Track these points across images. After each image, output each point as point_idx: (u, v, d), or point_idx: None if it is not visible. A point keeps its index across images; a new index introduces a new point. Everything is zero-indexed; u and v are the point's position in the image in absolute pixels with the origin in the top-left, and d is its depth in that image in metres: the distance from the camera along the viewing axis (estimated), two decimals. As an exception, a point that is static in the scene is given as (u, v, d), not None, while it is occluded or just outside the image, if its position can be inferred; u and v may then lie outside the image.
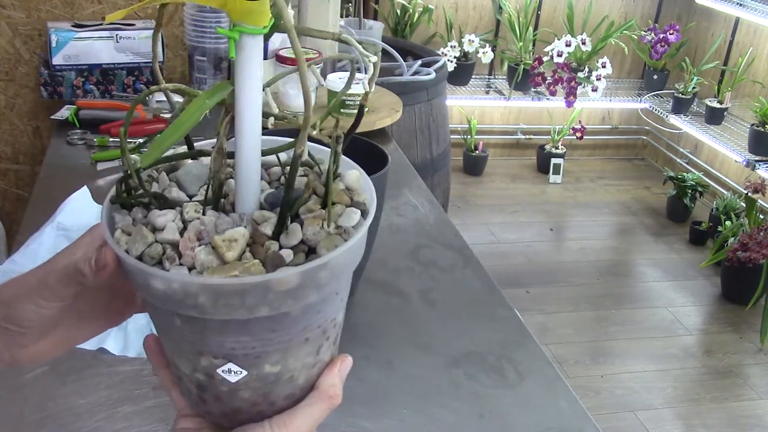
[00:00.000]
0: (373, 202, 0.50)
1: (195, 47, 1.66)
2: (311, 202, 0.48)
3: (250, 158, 0.47)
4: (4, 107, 1.77)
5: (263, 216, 0.47)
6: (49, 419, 0.79)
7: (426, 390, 0.89)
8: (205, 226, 0.45)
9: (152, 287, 0.44)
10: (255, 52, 0.45)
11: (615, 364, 2.43)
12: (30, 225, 1.14)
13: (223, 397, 0.49)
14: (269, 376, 0.48)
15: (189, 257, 0.44)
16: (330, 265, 0.45)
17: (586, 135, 3.72)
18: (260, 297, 0.43)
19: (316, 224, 0.46)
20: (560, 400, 0.90)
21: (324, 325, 0.50)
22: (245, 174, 0.47)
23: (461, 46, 3.43)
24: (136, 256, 0.45)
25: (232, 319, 0.44)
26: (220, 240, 0.44)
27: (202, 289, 0.43)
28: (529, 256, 3.05)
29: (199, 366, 0.48)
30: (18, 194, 1.87)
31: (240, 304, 0.43)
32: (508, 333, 1.02)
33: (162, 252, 0.45)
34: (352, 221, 0.47)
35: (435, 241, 1.24)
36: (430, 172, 2.23)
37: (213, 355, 0.46)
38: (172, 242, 0.45)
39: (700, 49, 3.71)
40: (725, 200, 3.20)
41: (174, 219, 0.47)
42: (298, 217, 0.48)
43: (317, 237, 0.46)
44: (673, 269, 3.05)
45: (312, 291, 0.45)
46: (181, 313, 0.44)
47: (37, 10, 1.69)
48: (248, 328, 0.45)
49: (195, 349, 0.47)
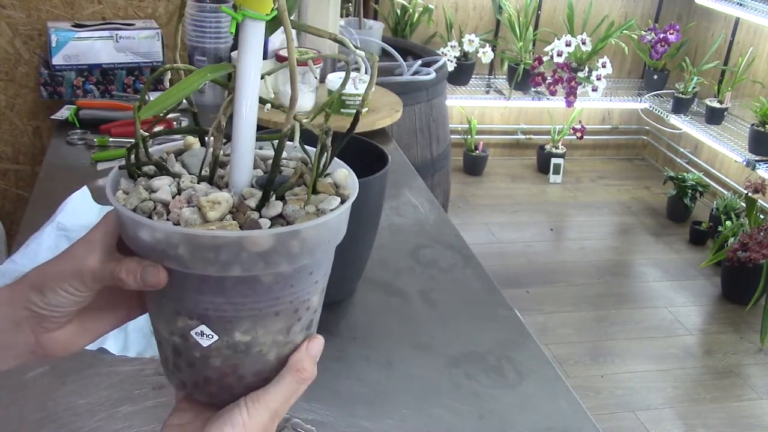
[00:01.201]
0: (355, 193, 0.54)
1: (195, 47, 1.66)
2: (298, 189, 0.53)
3: (245, 138, 0.51)
4: (4, 107, 1.77)
5: (251, 192, 0.51)
6: (49, 419, 0.79)
7: (426, 390, 0.89)
8: (196, 193, 0.50)
9: (140, 238, 0.49)
10: (256, 37, 0.49)
11: (615, 364, 2.44)
12: (30, 225, 1.14)
13: (196, 363, 0.52)
14: (239, 344, 0.51)
15: (176, 215, 0.49)
16: (302, 235, 0.49)
17: (586, 135, 3.72)
18: (233, 254, 0.47)
19: (297, 204, 0.51)
20: (560, 400, 0.90)
21: (296, 302, 0.52)
22: (240, 153, 0.51)
23: (461, 46, 3.43)
24: (131, 209, 0.49)
25: (208, 275, 0.48)
26: (204, 201, 0.49)
27: (182, 240, 0.47)
28: (529, 256, 3.05)
29: (175, 328, 0.51)
30: (18, 194, 1.87)
31: (214, 259, 0.47)
32: (508, 333, 1.02)
33: (153, 208, 0.50)
34: (330, 205, 0.51)
35: (435, 241, 1.24)
36: (430, 172, 2.23)
37: (188, 316, 0.50)
38: (163, 201, 0.50)
39: (700, 49, 3.71)
40: (725, 200, 3.20)
41: (170, 184, 0.51)
42: (283, 198, 0.52)
43: (296, 214, 0.50)
44: (673, 269, 3.05)
45: (283, 259, 0.49)
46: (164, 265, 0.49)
47: (37, 10, 1.69)
48: (222, 289, 0.49)
49: (173, 308, 0.51)
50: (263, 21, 0.49)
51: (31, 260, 1.05)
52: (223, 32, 1.66)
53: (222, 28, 1.65)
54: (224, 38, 1.67)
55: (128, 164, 0.53)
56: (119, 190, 0.52)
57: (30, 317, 0.51)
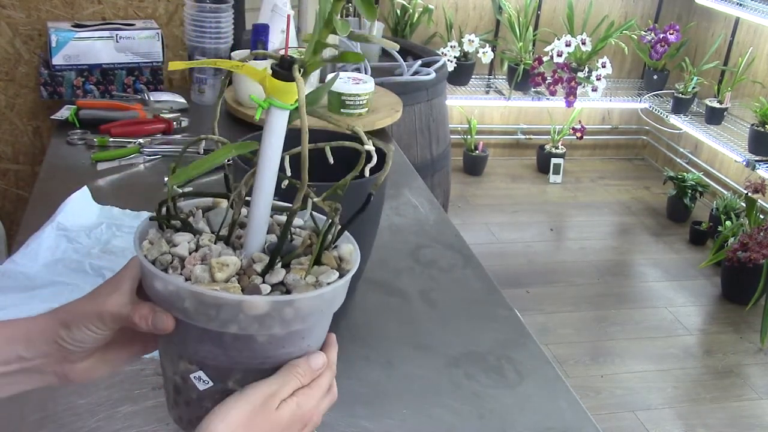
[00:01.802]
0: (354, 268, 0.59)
1: (195, 47, 1.66)
2: (304, 258, 0.58)
3: (262, 208, 0.57)
4: (4, 107, 1.77)
5: (260, 257, 0.57)
6: (49, 419, 0.79)
7: (426, 390, 0.89)
8: (211, 252, 0.56)
9: (155, 287, 0.55)
10: (280, 122, 0.55)
11: (615, 364, 2.43)
12: (30, 225, 1.14)
13: (192, 403, 0.58)
14: (232, 392, 0.56)
15: (189, 270, 0.55)
16: (296, 304, 0.54)
17: (586, 135, 3.72)
18: (232, 314, 0.52)
19: (298, 273, 0.56)
20: (560, 400, 0.90)
21: (287, 361, 0.57)
22: (256, 220, 0.57)
23: (461, 46, 3.43)
24: (151, 260, 0.55)
25: (209, 329, 0.53)
26: (215, 262, 0.54)
27: (189, 295, 0.53)
28: (529, 256, 3.05)
29: (178, 369, 0.57)
30: (18, 194, 1.87)
31: (215, 316, 0.52)
32: (508, 333, 1.02)
33: (170, 261, 0.56)
34: (329, 278, 0.56)
35: (435, 241, 1.24)
36: (430, 172, 2.23)
37: (189, 361, 0.56)
38: (180, 256, 0.56)
39: (700, 49, 3.71)
40: (725, 200, 3.20)
41: (189, 241, 0.58)
42: (289, 265, 0.57)
43: (296, 283, 0.55)
44: (673, 269, 3.05)
45: (277, 323, 0.54)
46: (172, 314, 0.54)
47: (37, 10, 1.69)
48: (220, 342, 0.54)
49: (177, 352, 0.57)
50: (288, 110, 0.55)
51: (31, 260, 1.05)
52: (223, 32, 1.66)
53: (222, 28, 1.65)
54: (224, 38, 1.67)
55: (158, 217, 0.59)
56: (146, 239, 0.58)
57: (58, 349, 0.57)
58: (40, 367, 0.58)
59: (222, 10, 1.64)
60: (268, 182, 0.56)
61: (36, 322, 0.58)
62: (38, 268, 1.04)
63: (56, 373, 0.59)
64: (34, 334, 0.57)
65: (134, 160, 1.41)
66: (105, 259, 1.07)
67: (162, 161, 1.43)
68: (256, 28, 1.59)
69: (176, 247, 0.57)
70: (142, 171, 1.40)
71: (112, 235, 1.14)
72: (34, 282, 1.01)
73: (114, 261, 1.07)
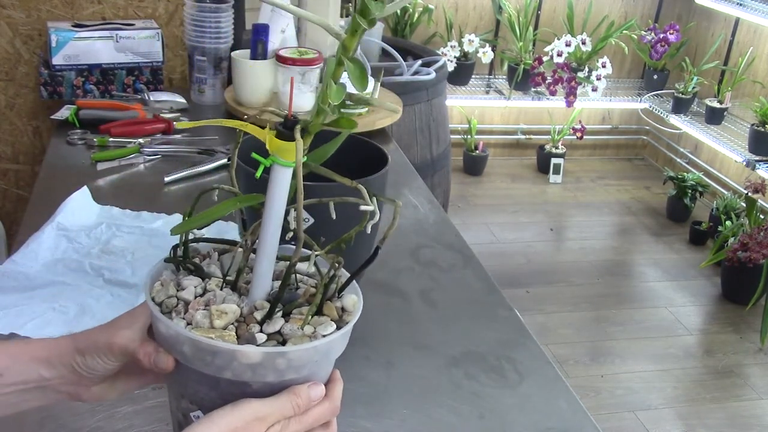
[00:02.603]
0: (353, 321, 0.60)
1: (195, 47, 1.66)
2: (305, 308, 0.60)
3: (267, 257, 0.60)
4: (4, 107, 1.77)
5: (263, 305, 0.59)
6: (49, 419, 0.79)
7: (426, 390, 0.89)
8: (215, 298, 0.59)
9: (158, 328, 0.58)
10: (284, 179, 0.58)
11: (615, 364, 2.43)
12: (30, 225, 1.14)
13: None
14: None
15: (191, 315, 0.57)
16: (288, 356, 0.55)
17: (586, 135, 3.72)
18: (227, 361, 0.55)
19: (296, 324, 0.58)
20: (560, 400, 0.90)
21: None
22: (261, 269, 0.60)
23: (461, 46, 3.43)
24: (158, 302, 0.58)
25: (205, 373, 0.56)
26: (215, 309, 0.57)
27: (187, 340, 0.55)
28: (529, 256, 3.05)
29: (179, 406, 0.60)
30: (18, 194, 1.87)
31: (210, 362, 0.55)
32: (508, 333, 1.02)
33: (175, 304, 0.58)
34: (326, 331, 0.58)
35: (435, 241, 1.24)
36: (430, 172, 2.23)
37: (189, 400, 0.59)
38: (186, 300, 0.59)
39: (700, 49, 3.71)
40: (725, 200, 3.20)
41: (197, 285, 0.60)
42: (289, 315, 0.59)
43: (292, 333, 0.57)
44: (673, 269, 3.05)
45: (270, 372, 0.56)
46: (173, 356, 0.57)
47: (37, 10, 1.69)
48: (216, 386, 0.56)
49: (179, 390, 0.60)
50: (289, 168, 0.57)
51: (31, 260, 1.05)
52: (223, 32, 1.66)
53: (222, 28, 1.65)
54: (224, 38, 1.67)
55: (172, 259, 0.63)
56: (159, 281, 0.61)
57: (73, 372, 0.61)
58: (56, 387, 0.62)
59: (222, 9, 1.64)
60: (272, 233, 0.59)
61: (57, 345, 0.61)
62: (38, 268, 1.04)
63: (70, 392, 0.63)
64: (54, 357, 0.61)
65: (134, 160, 1.41)
66: (105, 259, 1.07)
67: (162, 161, 1.43)
68: (256, 28, 1.59)
69: (183, 291, 0.59)
70: (142, 171, 1.40)
71: (112, 235, 1.14)
72: (34, 282, 1.01)
73: (114, 261, 1.07)
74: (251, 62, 1.59)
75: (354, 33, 0.54)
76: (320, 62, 1.55)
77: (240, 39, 1.78)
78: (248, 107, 1.60)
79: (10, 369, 0.61)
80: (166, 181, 1.34)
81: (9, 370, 0.61)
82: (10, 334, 0.90)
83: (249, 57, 1.60)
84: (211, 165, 1.40)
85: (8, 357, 0.61)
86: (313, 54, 1.56)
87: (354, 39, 0.55)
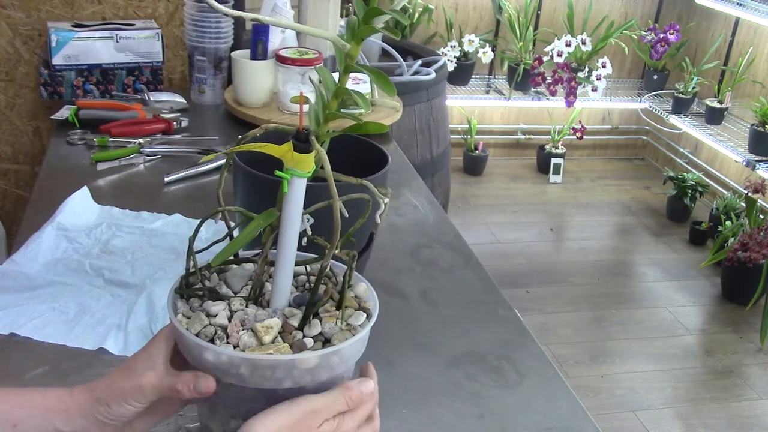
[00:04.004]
0: (376, 307, 0.65)
1: (195, 47, 1.66)
2: (328, 305, 0.64)
3: (287, 266, 0.62)
4: (4, 107, 1.77)
5: (292, 312, 0.62)
6: None
7: (426, 390, 0.89)
8: (248, 316, 0.61)
9: (204, 358, 0.58)
10: (300, 189, 0.60)
11: (615, 364, 2.43)
12: (30, 225, 1.14)
13: None
14: None
15: (234, 338, 0.59)
16: (341, 352, 0.59)
17: (586, 135, 3.72)
18: (287, 372, 0.57)
19: (332, 321, 0.61)
20: (560, 400, 0.90)
21: None
22: (282, 278, 0.62)
23: (461, 46, 3.43)
24: (194, 333, 0.59)
25: (263, 388, 0.58)
26: (260, 326, 0.59)
27: (244, 362, 0.57)
28: (529, 256, 3.05)
29: (229, 428, 0.61)
30: (18, 194, 1.87)
31: (270, 376, 0.57)
32: (508, 333, 1.02)
33: (214, 332, 0.59)
34: (358, 321, 0.63)
35: (435, 241, 1.24)
36: (430, 172, 2.23)
37: (243, 418, 0.58)
38: (221, 326, 0.60)
39: (700, 49, 3.71)
40: (725, 200, 3.20)
41: (224, 309, 0.62)
42: (317, 315, 0.62)
43: (332, 331, 0.61)
44: (673, 269, 3.05)
45: (325, 371, 0.59)
46: (223, 381, 0.58)
47: (37, 10, 1.69)
48: (273, 397, 0.58)
49: (229, 412, 0.61)
50: (305, 178, 0.60)
51: (31, 260, 1.05)
52: (223, 32, 1.66)
53: (222, 28, 1.65)
54: (224, 38, 1.67)
55: (182, 290, 0.64)
56: (179, 312, 0.62)
57: (94, 423, 0.60)
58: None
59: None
60: (290, 242, 0.62)
61: (74, 397, 0.61)
62: (38, 268, 1.04)
63: None
64: (72, 409, 0.60)
65: (134, 160, 1.41)
66: (105, 259, 1.07)
67: (162, 161, 1.43)
68: (256, 28, 1.59)
69: (215, 317, 0.61)
70: (142, 171, 1.40)
71: (112, 235, 1.14)
72: (34, 282, 1.01)
73: (114, 261, 1.07)
74: (251, 62, 1.59)
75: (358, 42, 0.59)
76: (320, 62, 1.55)
77: (240, 39, 1.78)
78: (248, 107, 1.60)
79: (24, 422, 0.60)
80: (166, 181, 1.34)
81: (24, 423, 0.60)
82: (10, 334, 0.91)
83: (249, 57, 1.60)
84: (211, 165, 1.40)
85: (24, 409, 0.60)
86: (313, 54, 1.56)
87: (358, 47, 0.59)
